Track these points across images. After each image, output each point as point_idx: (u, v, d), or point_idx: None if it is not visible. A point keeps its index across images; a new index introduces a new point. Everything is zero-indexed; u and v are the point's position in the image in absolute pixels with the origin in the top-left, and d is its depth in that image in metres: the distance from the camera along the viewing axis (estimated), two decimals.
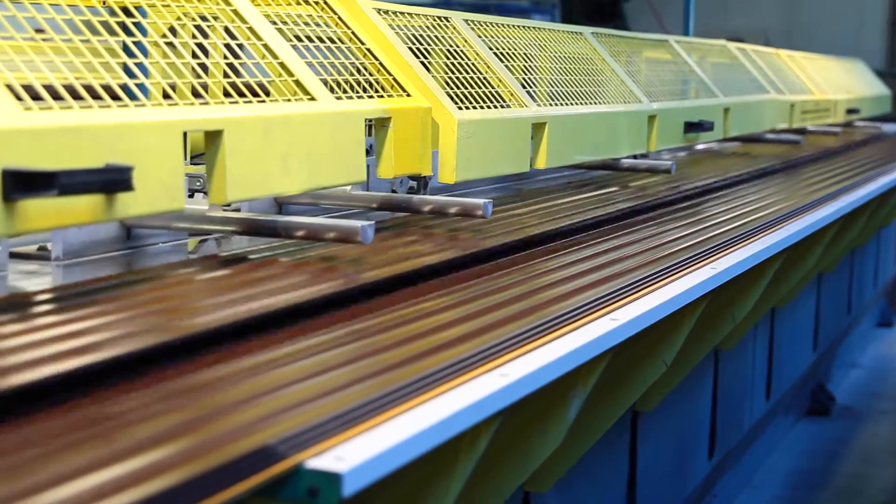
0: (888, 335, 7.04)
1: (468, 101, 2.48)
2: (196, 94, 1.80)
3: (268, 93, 1.90)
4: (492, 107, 2.57)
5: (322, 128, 1.96)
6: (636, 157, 3.65)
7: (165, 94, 1.72)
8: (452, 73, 2.52)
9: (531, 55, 3.05)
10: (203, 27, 1.98)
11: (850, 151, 5.53)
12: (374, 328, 1.65)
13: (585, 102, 3.06)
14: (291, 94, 1.95)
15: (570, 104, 2.97)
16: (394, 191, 2.68)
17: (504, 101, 2.64)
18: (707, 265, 2.30)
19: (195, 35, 1.87)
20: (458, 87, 2.49)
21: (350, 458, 1.18)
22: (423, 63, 2.45)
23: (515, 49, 2.91)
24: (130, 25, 1.74)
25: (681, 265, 2.24)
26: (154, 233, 2.06)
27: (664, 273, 2.15)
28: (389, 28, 2.43)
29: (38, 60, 1.52)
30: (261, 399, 1.31)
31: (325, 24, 2.25)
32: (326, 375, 1.41)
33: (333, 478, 1.15)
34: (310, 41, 2.12)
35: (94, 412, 1.24)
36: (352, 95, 2.13)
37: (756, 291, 2.92)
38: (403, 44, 2.43)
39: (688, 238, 2.56)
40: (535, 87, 2.88)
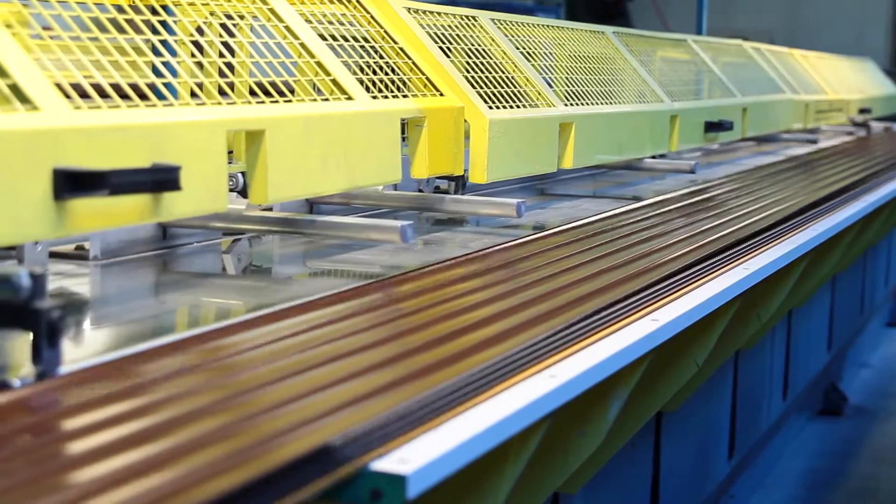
0: None
1: (498, 101, 2.48)
2: (223, 94, 1.79)
3: (293, 91, 1.88)
4: (520, 106, 2.56)
5: (359, 127, 1.95)
6: (654, 158, 3.64)
7: (193, 94, 1.71)
8: (481, 72, 2.51)
9: (555, 54, 3.04)
10: (242, 26, 1.97)
11: (867, 150, 5.52)
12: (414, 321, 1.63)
13: (609, 102, 3.05)
14: (329, 94, 1.94)
15: (595, 104, 2.96)
16: (420, 190, 2.67)
17: (532, 101, 2.64)
18: (740, 265, 2.29)
19: (233, 34, 1.87)
20: (488, 87, 2.48)
21: (413, 460, 1.17)
22: (453, 62, 2.45)
23: (540, 48, 2.91)
24: (172, 24, 1.73)
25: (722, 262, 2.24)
26: (189, 232, 2.05)
27: (702, 272, 2.14)
28: (420, 27, 2.42)
29: (66, 59, 1.51)
30: (316, 396, 1.29)
31: (358, 24, 2.24)
32: (376, 373, 1.39)
33: (398, 480, 1.14)
34: (344, 40, 2.11)
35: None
36: (387, 95, 2.12)
37: (783, 291, 2.91)
38: (434, 43, 2.42)
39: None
40: (560, 87, 2.87)
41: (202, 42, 1.78)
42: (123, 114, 1.49)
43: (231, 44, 1.84)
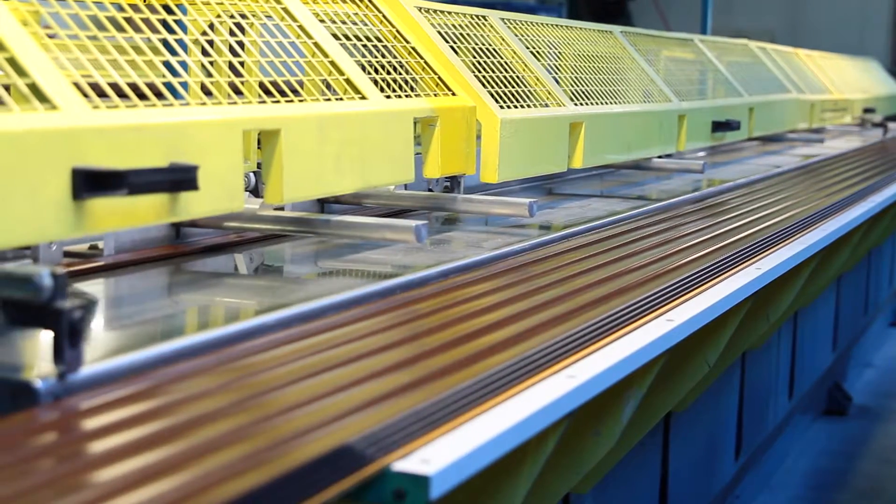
0: None
1: (509, 101, 2.47)
2: (238, 93, 1.78)
3: (301, 90, 1.88)
4: (531, 106, 2.55)
5: (373, 127, 1.95)
6: (660, 157, 3.63)
7: (208, 93, 1.71)
8: (492, 72, 2.51)
9: (563, 53, 3.04)
10: (256, 24, 1.97)
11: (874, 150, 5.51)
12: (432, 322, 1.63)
13: (618, 101, 3.04)
14: (343, 93, 1.93)
15: (604, 103, 2.95)
16: (430, 189, 2.66)
17: (542, 101, 2.63)
18: (752, 265, 2.29)
19: (246, 33, 1.86)
20: (499, 86, 2.48)
21: (436, 461, 1.16)
22: (463, 61, 2.44)
23: (548, 48, 2.90)
24: (187, 22, 1.72)
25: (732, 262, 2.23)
26: (202, 231, 2.05)
27: (715, 272, 2.14)
28: (431, 26, 2.41)
29: (83, 58, 1.50)
30: (335, 397, 1.29)
31: (370, 23, 2.24)
32: (394, 374, 1.39)
33: (421, 480, 1.14)
34: (357, 40, 2.11)
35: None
36: (399, 94, 2.11)
37: (792, 291, 2.91)
38: (445, 42, 2.41)
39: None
40: (568, 86, 2.87)
41: (217, 41, 1.77)
42: (141, 113, 1.48)
43: (246, 42, 1.84)
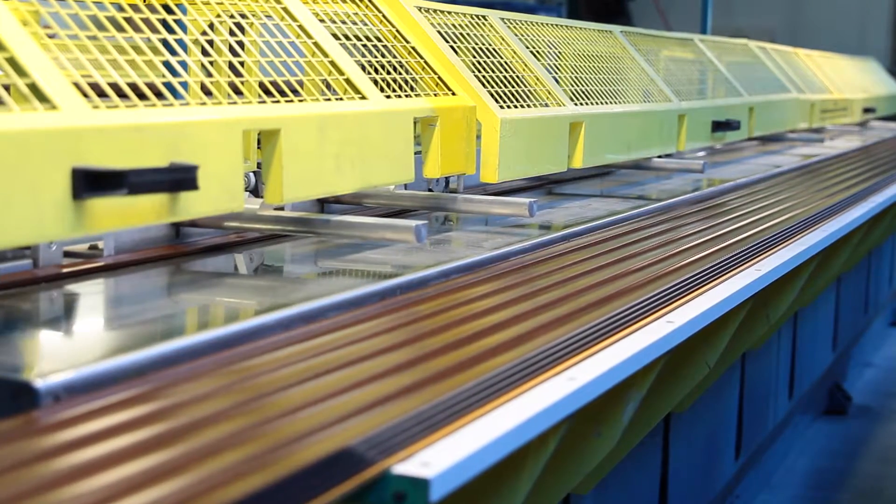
0: None
1: (509, 100, 2.47)
2: (237, 93, 1.78)
3: (300, 91, 1.87)
4: (531, 105, 2.55)
5: (373, 127, 1.94)
6: (660, 157, 3.63)
7: (207, 92, 1.70)
8: (492, 72, 2.50)
9: (563, 53, 3.03)
10: (256, 24, 1.96)
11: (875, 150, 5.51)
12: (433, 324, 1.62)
13: (618, 101, 3.04)
14: (343, 93, 1.93)
15: (604, 103, 2.95)
16: (430, 189, 2.66)
17: (542, 100, 2.63)
18: (752, 266, 2.28)
19: (245, 33, 1.86)
20: (499, 86, 2.47)
21: (436, 464, 1.16)
22: (463, 61, 2.44)
23: (548, 47, 2.90)
24: (186, 22, 1.72)
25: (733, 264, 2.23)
26: (202, 231, 2.04)
27: (716, 273, 2.13)
28: (431, 26, 2.41)
29: (83, 58, 1.49)
30: (335, 400, 1.28)
31: (370, 23, 2.23)
32: (394, 376, 1.38)
33: (421, 483, 1.13)
34: (357, 39, 2.10)
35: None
36: (399, 94, 2.11)
37: (792, 292, 2.91)
38: (445, 42, 2.41)
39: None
40: (568, 86, 2.86)
41: (217, 41, 1.77)
42: (141, 113, 1.48)
43: (246, 42, 1.83)
